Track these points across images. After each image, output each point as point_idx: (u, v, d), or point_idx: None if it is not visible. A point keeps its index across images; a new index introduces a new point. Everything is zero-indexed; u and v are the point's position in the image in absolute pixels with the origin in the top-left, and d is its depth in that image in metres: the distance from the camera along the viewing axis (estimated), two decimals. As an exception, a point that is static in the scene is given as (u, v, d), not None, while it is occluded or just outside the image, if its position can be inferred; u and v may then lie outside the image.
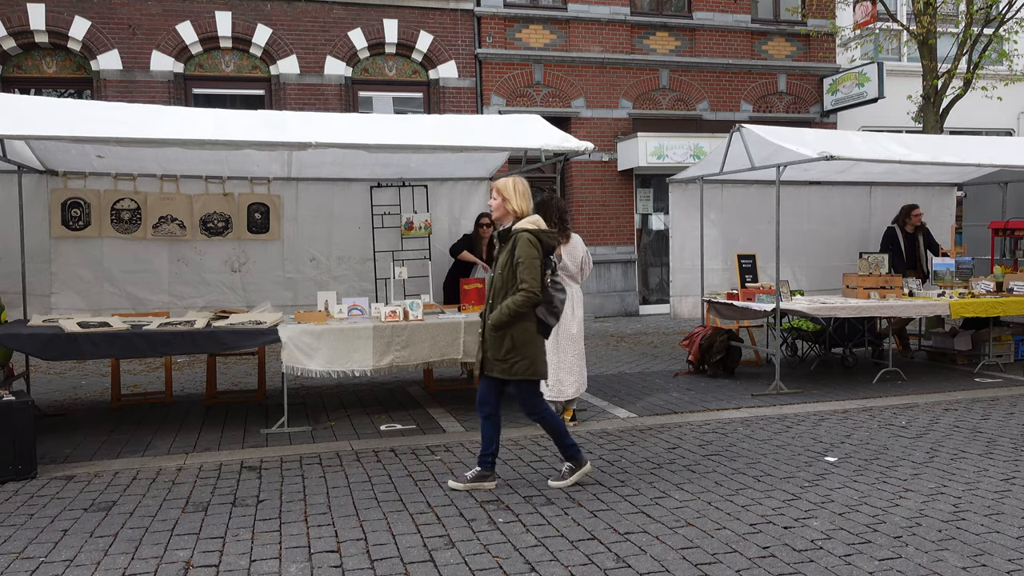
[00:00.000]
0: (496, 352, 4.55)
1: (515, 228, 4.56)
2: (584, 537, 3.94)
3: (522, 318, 4.50)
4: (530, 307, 4.49)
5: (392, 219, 8.21)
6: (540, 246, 4.51)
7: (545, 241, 4.55)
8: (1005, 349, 8.93)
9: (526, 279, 4.43)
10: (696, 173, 9.07)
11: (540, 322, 4.58)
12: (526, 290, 4.43)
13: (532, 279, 4.44)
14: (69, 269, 7.28)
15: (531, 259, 4.45)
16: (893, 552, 3.72)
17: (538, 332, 4.59)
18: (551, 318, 4.62)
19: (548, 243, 4.57)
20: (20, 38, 11.94)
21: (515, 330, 4.51)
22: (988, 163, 8.03)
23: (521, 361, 4.52)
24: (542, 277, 4.51)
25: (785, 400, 7.20)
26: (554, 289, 4.60)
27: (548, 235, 4.59)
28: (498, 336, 4.54)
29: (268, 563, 3.67)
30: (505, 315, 4.48)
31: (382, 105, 13.62)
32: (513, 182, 4.64)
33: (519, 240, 4.49)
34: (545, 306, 4.56)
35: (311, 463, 5.30)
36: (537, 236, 4.52)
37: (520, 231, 4.52)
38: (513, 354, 4.51)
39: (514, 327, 4.51)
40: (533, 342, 4.56)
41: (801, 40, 15.44)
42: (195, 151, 6.59)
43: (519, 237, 4.50)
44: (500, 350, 4.54)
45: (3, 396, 5.05)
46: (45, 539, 3.99)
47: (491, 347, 4.59)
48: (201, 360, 9.39)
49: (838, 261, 9.61)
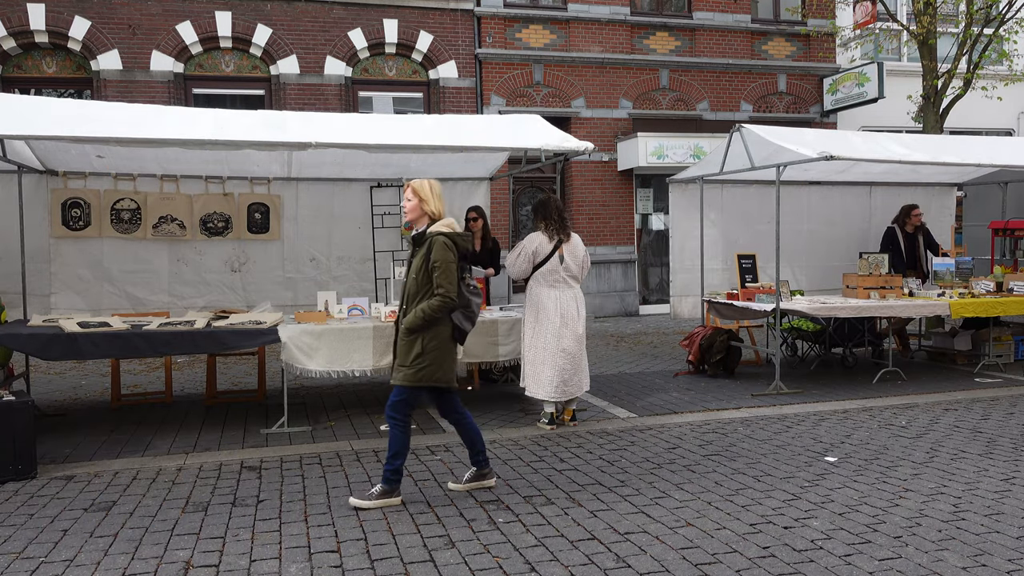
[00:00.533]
0: (404, 358, 4.42)
1: (430, 231, 4.45)
2: (584, 537, 3.94)
3: (436, 323, 4.40)
4: (445, 311, 4.40)
5: (392, 219, 8.20)
6: (455, 249, 4.43)
7: (460, 244, 4.48)
8: (1005, 349, 8.93)
9: (442, 283, 4.34)
10: (696, 173, 9.07)
11: (456, 328, 4.49)
12: (442, 294, 4.34)
13: (448, 283, 4.35)
14: (69, 269, 7.28)
15: (447, 263, 4.36)
16: (893, 552, 3.72)
17: (453, 338, 4.49)
18: (467, 323, 4.54)
19: (463, 246, 4.50)
20: (20, 38, 11.95)
21: (428, 335, 4.39)
22: (988, 163, 8.03)
23: (428, 367, 4.38)
24: (458, 281, 4.43)
25: (785, 400, 7.20)
26: (470, 293, 4.53)
27: (463, 238, 4.52)
28: (408, 341, 4.41)
29: (268, 563, 3.67)
30: (419, 319, 4.35)
31: (382, 105, 13.62)
32: (430, 184, 4.54)
33: (434, 244, 4.38)
34: (462, 311, 4.49)
35: (311, 463, 5.30)
36: (452, 239, 4.43)
37: (435, 234, 4.42)
38: (421, 359, 4.38)
39: (427, 332, 4.39)
40: (442, 348, 4.44)
41: (801, 40, 15.44)
42: (195, 151, 6.59)
43: (434, 241, 4.39)
44: (408, 355, 4.40)
45: (3, 396, 5.05)
46: (45, 539, 3.99)
47: (400, 352, 4.46)
48: (201, 360, 9.39)
49: (838, 261, 9.61)
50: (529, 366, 6.23)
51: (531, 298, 6.22)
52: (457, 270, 4.42)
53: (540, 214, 6.24)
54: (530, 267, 6.18)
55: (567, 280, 6.18)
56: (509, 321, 6.71)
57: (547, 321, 6.13)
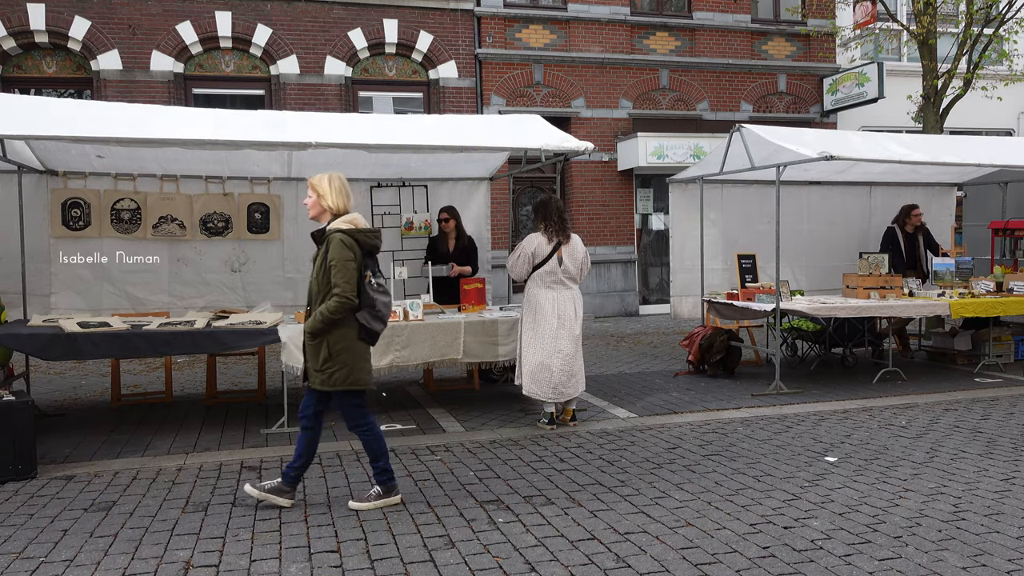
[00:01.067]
0: (314, 362, 4.28)
1: (329, 228, 4.27)
2: (584, 537, 3.94)
3: (339, 324, 4.22)
4: (345, 312, 4.20)
5: (392, 219, 8.21)
6: (356, 247, 4.23)
7: (363, 241, 4.27)
8: (1005, 349, 8.93)
9: (339, 283, 4.15)
10: (696, 173, 9.07)
11: (363, 328, 4.29)
12: (339, 295, 4.15)
13: (345, 282, 4.15)
14: (69, 269, 7.28)
15: (344, 261, 4.16)
16: (893, 552, 3.72)
17: (360, 339, 4.30)
18: (376, 323, 4.33)
19: (367, 243, 4.29)
20: (20, 38, 11.95)
21: (332, 337, 4.22)
22: (988, 163, 8.03)
23: (339, 370, 4.23)
24: (359, 280, 4.23)
25: (785, 400, 7.20)
26: (376, 292, 4.30)
27: (367, 235, 4.30)
28: (315, 345, 4.26)
29: (268, 563, 3.67)
30: (319, 322, 4.19)
31: (382, 105, 13.62)
32: (328, 178, 4.35)
33: (332, 241, 4.20)
34: (367, 311, 4.28)
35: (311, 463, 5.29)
36: (352, 236, 4.23)
37: (333, 231, 4.24)
38: (330, 363, 4.22)
39: (331, 334, 4.22)
40: (352, 350, 4.26)
41: (801, 40, 15.44)
42: (195, 151, 6.59)
43: (332, 238, 4.21)
44: (318, 360, 4.25)
45: (3, 396, 5.05)
46: (45, 539, 3.99)
47: (310, 356, 4.31)
48: (201, 360, 9.38)
49: (838, 261, 9.61)
50: (527, 367, 6.24)
51: (529, 299, 6.23)
52: (359, 268, 4.23)
53: (540, 215, 6.24)
54: (530, 268, 6.18)
55: (565, 281, 6.18)
56: (509, 321, 6.72)
57: (544, 322, 6.13)
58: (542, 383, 6.14)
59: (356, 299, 4.21)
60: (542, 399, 6.19)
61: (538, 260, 6.14)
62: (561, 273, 6.15)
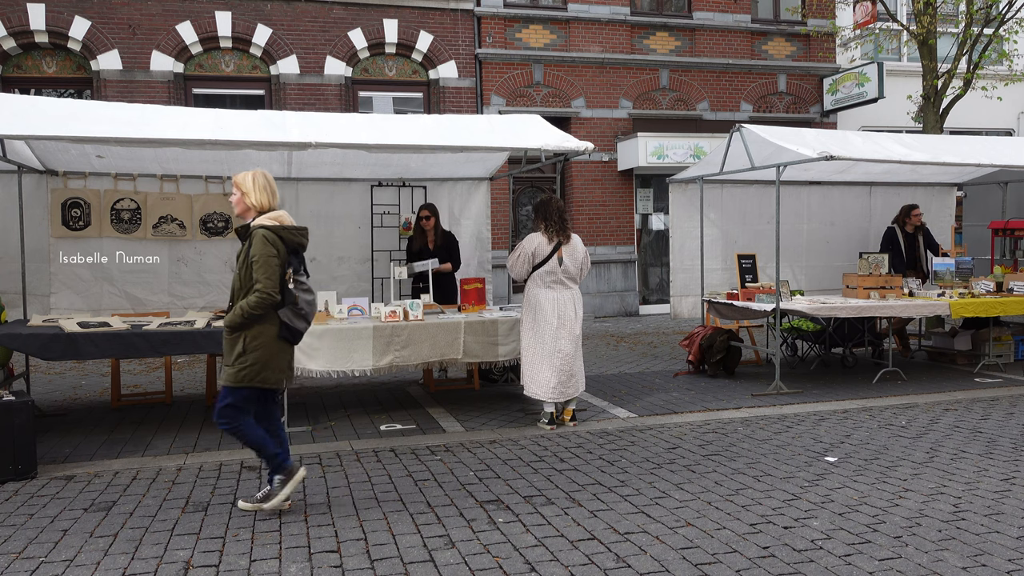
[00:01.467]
0: (227, 357, 4.24)
1: (253, 224, 4.26)
2: (584, 537, 3.94)
3: (259, 321, 4.18)
4: (266, 308, 4.16)
5: (392, 219, 8.21)
6: (280, 243, 4.20)
7: (287, 238, 4.24)
8: (1005, 349, 8.93)
9: (260, 279, 4.11)
10: (696, 173, 9.07)
11: (285, 326, 4.24)
12: (260, 291, 4.11)
13: (266, 279, 4.11)
14: (69, 269, 7.28)
15: (266, 257, 4.12)
16: (893, 552, 3.72)
17: (280, 337, 4.25)
18: (299, 322, 4.30)
19: (292, 240, 4.26)
20: (20, 38, 11.95)
21: (250, 333, 4.19)
22: (988, 163, 8.02)
23: (250, 366, 4.18)
24: (281, 277, 4.20)
25: (785, 400, 7.20)
26: (299, 290, 4.28)
27: (291, 231, 4.27)
28: (231, 339, 4.23)
29: (268, 563, 3.67)
30: (237, 316, 4.15)
31: (382, 105, 13.63)
32: (252, 175, 4.32)
33: (254, 237, 4.18)
34: (289, 308, 4.25)
35: (311, 463, 5.29)
36: (276, 232, 4.20)
37: (257, 227, 4.22)
38: (243, 358, 4.18)
39: (249, 330, 4.19)
40: (266, 347, 4.21)
41: (801, 40, 15.44)
42: (195, 151, 6.60)
43: (255, 234, 4.19)
44: (231, 354, 4.22)
45: (3, 396, 5.04)
46: (45, 539, 3.99)
47: (225, 351, 4.28)
48: (201, 360, 9.38)
49: (838, 261, 9.61)
50: (527, 367, 6.24)
51: (529, 299, 6.23)
52: (282, 265, 4.20)
53: (540, 215, 6.24)
54: (530, 268, 6.18)
55: (565, 281, 6.18)
56: (509, 321, 6.72)
57: (544, 322, 6.13)
58: (542, 383, 6.14)
59: (278, 295, 4.17)
60: (542, 399, 6.19)
61: (538, 260, 6.14)
62: (561, 273, 6.15)
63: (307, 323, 4.39)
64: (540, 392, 6.16)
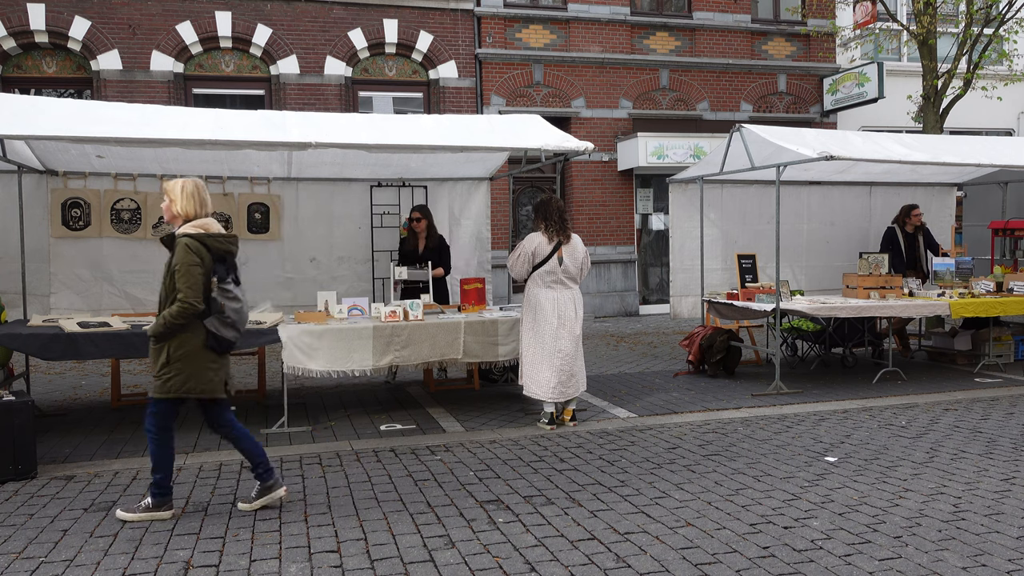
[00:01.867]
0: (153, 367, 4.22)
1: (177, 233, 4.21)
2: (584, 537, 3.94)
3: (183, 330, 4.15)
4: (188, 318, 4.12)
5: (392, 219, 8.21)
6: (205, 251, 4.16)
7: (213, 247, 4.19)
8: (1005, 349, 8.93)
9: (182, 288, 4.08)
10: (696, 173, 9.07)
11: (211, 335, 4.21)
12: (181, 300, 4.08)
13: (187, 288, 4.08)
14: (69, 269, 7.28)
15: (187, 266, 4.09)
16: (893, 552, 3.72)
17: (207, 347, 4.21)
18: (226, 330, 4.25)
19: (217, 248, 4.21)
20: (20, 38, 11.95)
21: (174, 343, 4.16)
22: (988, 163, 8.02)
23: (175, 377, 4.15)
24: (206, 286, 4.16)
25: (785, 400, 7.20)
26: (225, 298, 4.21)
27: (217, 239, 4.22)
28: (156, 349, 4.20)
29: (268, 563, 3.67)
30: (160, 326, 4.12)
31: (382, 105, 13.63)
32: (182, 184, 4.27)
33: (178, 246, 4.15)
34: (216, 317, 4.20)
35: (311, 463, 5.30)
36: (200, 241, 4.15)
37: (180, 236, 4.18)
38: (167, 369, 4.15)
39: (173, 340, 4.16)
40: (191, 357, 4.17)
41: (801, 40, 15.44)
42: (195, 151, 6.59)
43: (178, 243, 4.15)
44: (156, 365, 4.20)
45: (3, 396, 5.04)
46: (45, 539, 3.99)
47: (151, 361, 4.25)
48: (201, 360, 9.36)
49: (838, 261, 9.61)
50: (527, 367, 6.24)
51: (529, 299, 6.23)
52: (206, 274, 4.16)
53: (540, 215, 6.24)
54: (530, 267, 6.18)
55: (565, 281, 6.18)
56: (509, 321, 6.72)
57: (544, 322, 6.13)
58: (542, 383, 6.14)
59: (200, 304, 4.13)
60: (542, 399, 6.19)
61: (538, 260, 6.14)
62: (561, 273, 6.15)
63: (236, 332, 4.33)
64: (540, 392, 6.16)
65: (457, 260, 8.26)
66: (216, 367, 4.30)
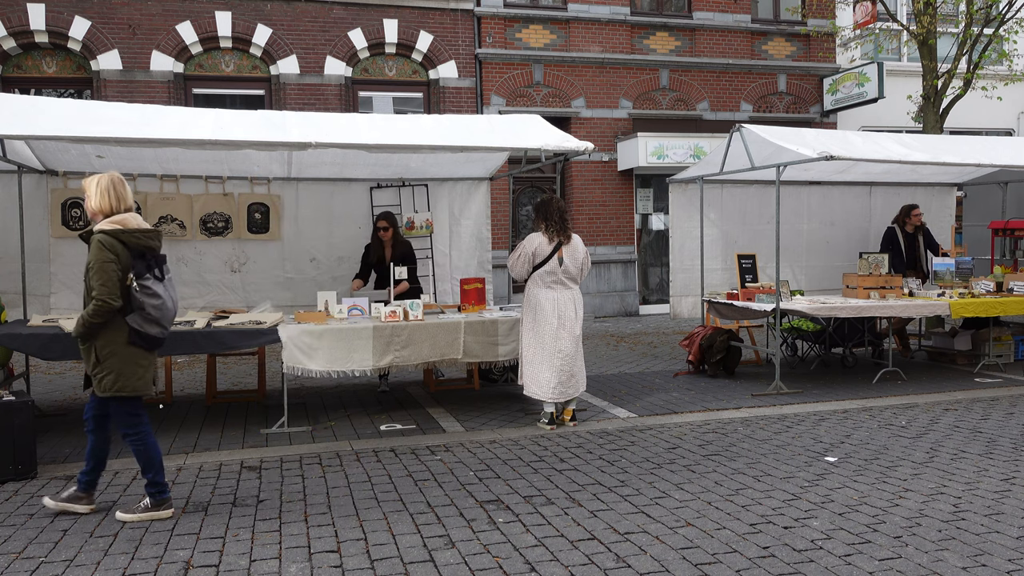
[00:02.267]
0: (87, 366, 4.19)
1: (94, 230, 4.12)
2: (584, 537, 3.94)
3: (107, 329, 4.09)
4: (104, 316, 4.04)
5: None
6: (121, 247, 4.07)
7: (129, 242, 4.10)
8: (1005, 349, 8.93)
9: (95, 286, 4.00)
10: (696, 173, 9.07)
11: (134, 332, 4.13)
12: (96, 298, 4.00)
13: (101, 285, 3.99)
14: (69, 269, 7.28)
15: (100, 263, 4.00)
16: (893, 552, 3.72)
17: (131, 344, 4.14)
18: (150, 327, 4.17)
19: (135, 244, 4.11)
20: (20, 38, 11.95)
21: (99, 342, 4.10)
22: (988, 163, 8.03)
23: (107, 376, 4.11)
24: (122, 282, 4.07)
25: (785, 400, 7.20)
26: (144, 295, 4.11)
27: (135, 235, 4.11)
28: (84, 349, 4.16)
29: (268, 563, 3.67)
30: (80, 326, 4.07)
31: (382, 105, 13.63)
32: (98, 179, 4.17)
33: (92, 243, 4.06)
34: (138, 314, 4.12)
35: (311, 463, 5.30)
36: (115, 236, 4.06)
37: (95, 232, 4.08)
38: (99, 369, 4.11)
39: (98, 339, 4.10)
40: (119, 355, 4.12)
41: (801, 40, 15.44)
42: (195, 151, 6.60)
43: (92, 240, 4.07)
44: (89, 365, 4.16)
45: (3, 396, 5.04)
46: (45, 539, 3.99)
47: (84, 361, 4.22)
48: (201, 360, 9.38)
49: (838, 261, 9.61)
50: (527, 367, 6.24)
51: (529, 299, 6.23)
52: (123, 270, 4.08)
53: (541, 215, 6.24)
54: (530, 268, 6.18)
55: (565, 281, 6.18)
56: (509, 321, 6.72)
57: (544, 322, 6.13)
58: (542, 383, 6.14)
59: (116, 302, 4.05)
60: (542, 399, 6.19)
61: (538, 260, 6.14)
62: (561, 273, 6.15)
63: (161, 328, 4.24)
64: (540, 392, 6.16)
65: (457, 260, 8.26)
66: (146, 364, 4.25)
